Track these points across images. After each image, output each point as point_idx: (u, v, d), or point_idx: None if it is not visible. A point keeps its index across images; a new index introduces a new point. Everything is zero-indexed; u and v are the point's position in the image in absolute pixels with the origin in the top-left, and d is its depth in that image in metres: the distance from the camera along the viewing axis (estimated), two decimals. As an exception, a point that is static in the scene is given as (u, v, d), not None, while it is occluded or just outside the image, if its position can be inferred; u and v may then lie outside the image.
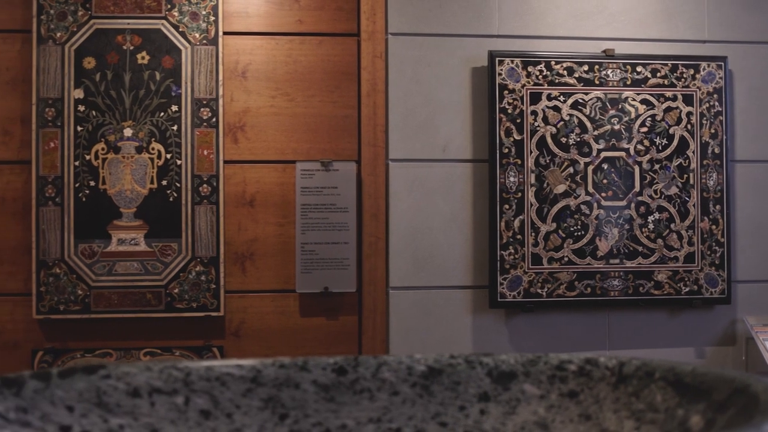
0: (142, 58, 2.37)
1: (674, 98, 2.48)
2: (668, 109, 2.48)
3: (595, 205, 2.45)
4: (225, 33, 2.40)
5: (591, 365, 1.03)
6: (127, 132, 2.36)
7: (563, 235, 2.44)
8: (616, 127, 2.46)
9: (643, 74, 2.47)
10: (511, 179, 2.42)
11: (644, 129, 2.47)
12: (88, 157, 2.35)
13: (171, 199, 2.36)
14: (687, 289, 2.47)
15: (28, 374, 0.95)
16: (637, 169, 2.47)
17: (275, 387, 1.05)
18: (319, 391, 1.05)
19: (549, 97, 2.45)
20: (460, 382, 1.07)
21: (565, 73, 2.45)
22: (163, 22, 2.38)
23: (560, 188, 2.44)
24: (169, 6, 2.38)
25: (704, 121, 2.49)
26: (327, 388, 1.05)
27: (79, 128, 2.35)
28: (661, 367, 0.98)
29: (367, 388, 1.05)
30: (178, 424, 1.02)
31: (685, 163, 2.48)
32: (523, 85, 2.44)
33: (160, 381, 1.03)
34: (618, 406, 1.00)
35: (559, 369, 1.03)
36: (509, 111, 2.43)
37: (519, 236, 2.42)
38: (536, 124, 2.44)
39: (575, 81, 2.45)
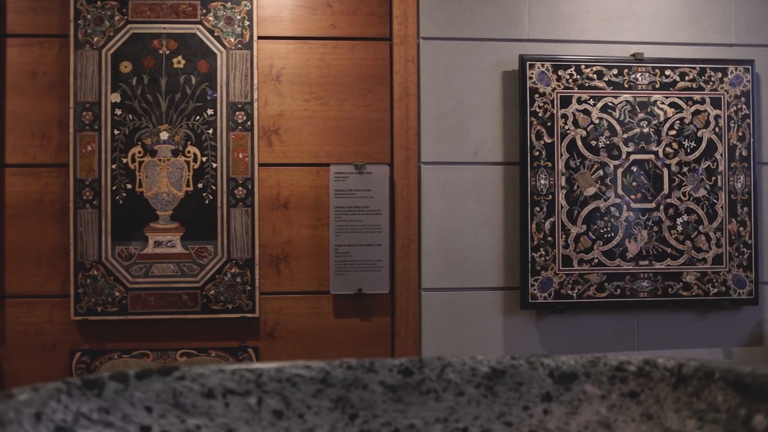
0: (178, 62, 2.40)
1: (702, 101, 2.51)
2: (696, 112, 2.51)
3: (625, 207, 2.48)
4: (259, 37, 2.42)
5: (650, 366, 1.06)
6: (164, 135, 2.39)
7: (593, 237, 2.47)
8: (645, 130, 2.49)
9: (672, 78, 2.50)
10: (542, 182, 2.45)
11: (673, 132, 2.50)
12: (124, 160, 2.38)
13: (207, 202, 2.39)
14: (715, 291, 2.49)
15: (107, 375, 0.98)
16: (665, 171, 2.50)
17: (344, 388, 1.08)
18: (386, 391, 1.08)
19: (579, 101, 2.47)
20: (522, 383, 1.09)
21: (595, 76, 2.48)
22: (199, 26, 2.41)
23: (590, 191, 2.47)
24: (204, 11, 2.41)
25: (732, 124, 2.52)
26: (394, 388, 1.08)
27: (115, 132, 2.38)
28: (720, 368, 1.01)
29: (432, 388, 1.08)
30: (253, 424, 1.05)
31: (713, 165, 2.51)
32: (554, 89, 2.47)
33: (233, 382, 1.06)
34: (679, 406, 1.03)
35: (618, 370, 1.06)
36: (540, 114, 2.46)
37: (550, 238, 2.45)
38: (566, 127, 2.47)
39: (605, 84, 2.48)
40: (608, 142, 2.48)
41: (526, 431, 1.07)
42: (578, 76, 2.47)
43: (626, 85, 2.49)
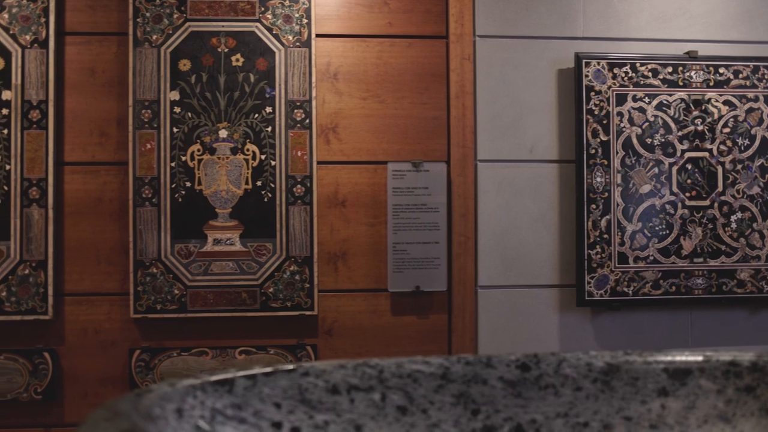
0: (237, 60, 2.40)
1: (756, 99, 2.52)
2: (750, 110, 2.52)
3: (680, 204, 2.49)
4: (317, 35, 2.43)
5: (764, 361, 1.07)
6: (223, 133, 2.39)
7: (648, 235, 2.48)
8: (700, 127, 2.50)
9: (726, 75, 2.51)
10: (598, 179, 2.46)
11: (727, 130, 2.51)
12: (184, 158, 2.38)
13: (266, 200, 2.39)
14: (769, 288, 2.51)
15: (236, 373, 0.99)
16: (719, 169, 2.51)
17: (464, 383, 1.09)
18: (506, 386, 1.09)
19: (634, 99, 2.48)
20: (638, 378, 1.10)
21: (650, 74, 2.49)
22: (257, 24, 2.41)
23: (645, 188, 2.48)
24: (262, 9, 2.41)
25: (785, 122, 2.53)
26: (513, 383, 1.09)
27: (175, 130, 2.38)
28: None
29: (551, 384, 1.09)
30: (378, 419, 1.06)
31: (766, 163, 2.52)
32: (609, 87, 2.47)
33: (356, 378, 1.07)
34: (796, 401, 1.04)
35: (732, 365, 1.07)
36: (596, 112, 2.46)
37: (606, 235, 2.46)
38: (622, 124, 2.48)
39: (659, 82, 2.49)
40: (663, 140, 2.49)
41: (646, 425, 1.08)
42: (633, 74, 2.48)
43: (681, 83, 2.50)
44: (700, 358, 1.08)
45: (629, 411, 1.09)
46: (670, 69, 2.50)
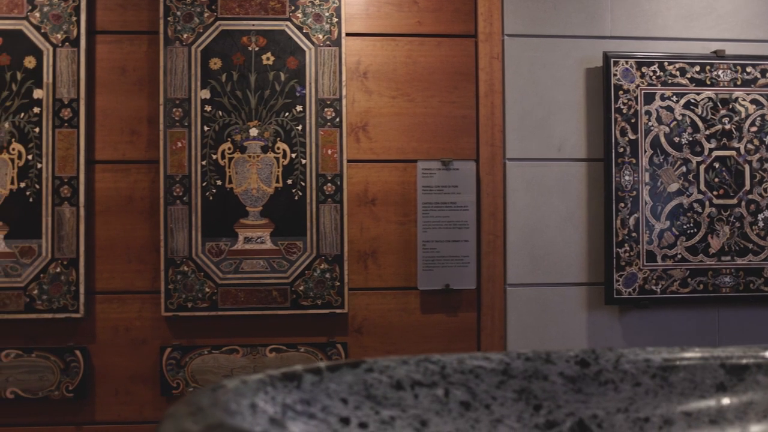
0: (267, 58, 2.41)
1: (783, 98, 2.53)
2: (777, 109, 2.53)
3: (707, 203, 2.50)
4: (347, 34, 2.43)
5: None
6: (253, 132, 2.39)
7: (676, 233, 2.49)
8: (727, 126, 2.51)
9: (753, 74, 2.52)
10: (626, 178, 2.47)
11: (754, 128, 2.52)
12: (214, 157, 2.38)
13: (296, 198, 2.39)
14: (796, 286, 2.52)
15: (302, 368, 1.00)
16: (747, 167, 2.51)
17: (525, 379, 1.09)
18: (566, 382, 1.09)
19: (662, 98, 2.49)
20: (696, 374, 1.11)
21: (678, 73, 2.50)
22: (287, 23, 2.42)
23: (673, 187, 2.49)
24: (293, 8, 2.42)
25: (811, 121, 2.54)
26: (573, 379, 1.10)
27: (205, 128, 2.38)
28: None
29: (610, 379, 1.09)
30: (443, 415, 1.06)
31: (793, 161, 2.53)
32: (638, 86, 2.48)
33: (419, 374, 1.07)
34: None
35: None
36: (624, 111, 2.47)
37: (634, 234, 2.47)
38: (650, 123, 2.48)
39: (687, 81, 2.50)
40: (691, 139, 2.50)
41: (706, 421, 1.09)
42: (661, 73, 2.49)
43: (708, 82, 2.51)
44: (757, 354, 1.09)
45: (688, 406, 1.10)
46: (697, 68, 2.50)
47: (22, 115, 2.35)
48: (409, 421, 1.04)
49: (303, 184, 2.40)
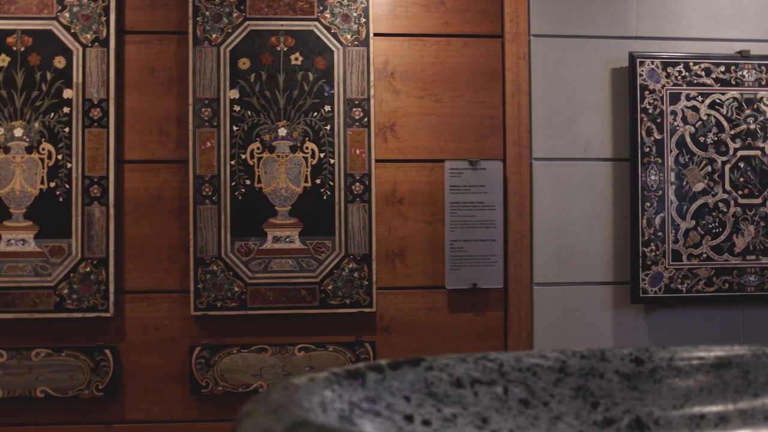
0: (296, 59, 2.42)
1: (806, 98, 2.55)
2: (801, 109, 2.55)
3: (732, 202, 2.51)
4: (375, 34, 2.44)
5: None
6: (282, 132, 2.40)
7: (702, 232, 2.50)
8: (752, 126, 2.52)
9: (777, 75, 2.54)
10: (652, 177, 2.48)
11: (778, 128, 2.54)
12: (243, 157, 2.39)
13: (325, 198, 2.40)
14: (820, 285, 2.53)
15: (365, 366, 1.01)
16: (771, 167, 2.53)
17: (582, 377, 1.10)
18: (621, 380, 1.11)
19: (687, 98, 2.50)
20: (749, 371, 1.12)
21: (703, 73, 2.51)
22: (316, 23, 2.43)
23: (698, 186, 2.50)
24: (321, 8, 2.43)
25: (835, 121, 2.56)
26: (628, 377, 1.11)
27: (234, 128, 2.39)
28: None
29: (665, 376, 1.11)
30: (503, 412, 1.07)
31: (817, 161, 2.55)
32: (663, 86, 2.50)
33: (478, 372, 1.09)
34: None
35: None
36: (650, 111, 2.49)
37: (660, 233, 2.48)
38: (675, 123, 2.50)
39: (712, 81, 2.51)
40: (716, 139, 2.51)
41: (761, 418, 1.10)
42: (687, 73, 2.50)
43: (733, 82, 2.52)
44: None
45: (743, 403, 1.11)
46: (722, 68, 2.52)
47: (52, 115, 2.35)
48: (471, 418, 1.05)
49: (331, 183, 2.41)
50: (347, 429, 0.92)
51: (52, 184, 2.35)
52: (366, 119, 2.42)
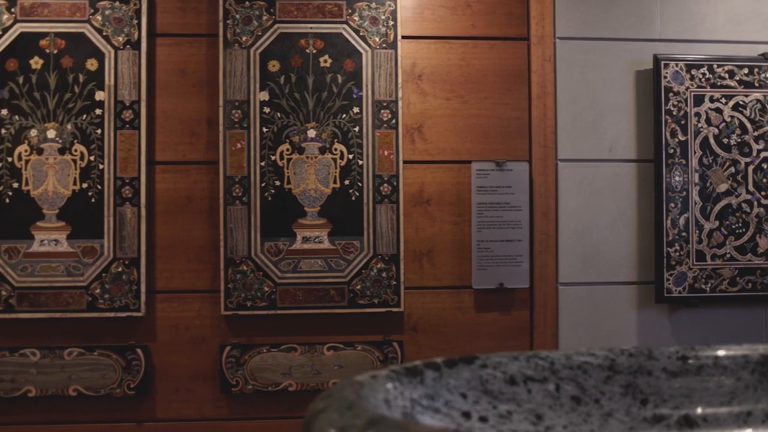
0: (325, 61, 2.44)
1: (828, 100, 2.57)
2: (823, 111, 2.57)
3: (756, 203, 2.54)
4: (402, 37, 2.47)
5: None
6: (311, 133, 2.43)
7: (725, 233, 2.53)
8: (775, 128, 2.55)
9: (800, 77, 2.56)
10: (677, 178, 2.51)
11: (801, 130, 2.56)
12: (273, 158, 2.42)
13: (353, 198, 2.43)
14: (842, 285, 2.56)
15: (422, 363, 1.03)
16: (794, 168, 2.56)
17: (630, 374, 1.13)
18: (669, 377, 1.13)
19: (711, 99, 2.53)
20: None
21: (726, 75, 2.54)
22: (344, 26, 2.45)
23: (722, 187, 2.53)
24: (349, 11, 2.46)
25: None
26: (676, 374, 1.13)
27: (264, 129, 2.42)
28: None
29: (711, 374, 1.13)
30: (556, 409, 1.10)
31: (840, 162, 2.57)
32: (687, 88, 2.52)
33: (530, 370, 1.11)
34: None
35: None
36: (674, 113, 2.51)
37: (684, 233, 2.51)
38: (699, 125, 2.52)
39: (736, 83, 2.54)
40: (739, 140, 2.54)
41: None
42: (710, 75, 2.53)
43: (756, 84, 2.55)
44: None
45: (789, 400, 1.13)
46: (745, 70, 2.54)
47: (85, 116, 2.38)
48: (525, 415, 1.08)
49: (360, 184, 2.43)
50: (423, 425, 0.94)
51: (85, 185, 2.38)
52: (394, 121, 2.45)
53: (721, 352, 1.14)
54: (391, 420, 0.75)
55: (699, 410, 1.12)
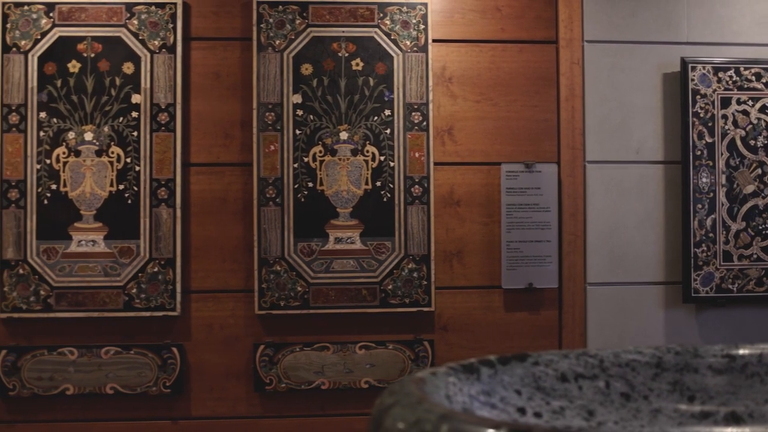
0: (357, 64, 2.48)
1: None
2: None
3: (782, 204, 2.57)
4: (433, 40, 2.50)
5: None
6: (343, 135, 2.47)
7: (752, 233, 2.55)
8: (801, 129, 2.58)
9: (825, 79, 2.59)
10: (704, 180, 2.54)
11: (827, 132, 2.59)
12: (306, 160, 2.46)
13: (385, 200, 2.47)
14: None
15: (477, 361, 1.07)
16: (820, 170, 2.58)
17: (677, 372, 1.16)
18: (715, 375, 1.16)
19: (738, 102, 2.56)
20: None
21: (753, 78, 2.56)
22: (376, 30, 2.49)
23: (749, 188, 2.56)
24: (381, 15, 2.49)
25: None
26: (722, 372, 1.17)
27: (297, 132, 2.46)
28: None
29: (756, 372, 1.16)
30: (606, 405, 1.13)
31: None
32: (714, 90, 2.55)
33: (580, 367, 1.15)
34: None
35: None
36: (701, 115, 2.54)
37: (711, 234, 2.53)
38: (726, 127, 2.55)
39: (762, 86, 2.57)
40: (766, 142, 2.56)
41: None
42: (737, 78, 2.56)
43: (782, 87, 2.58)
44: None
45: (832, 397, 1.16)
46: (772, 73, 2.57)
47: (121, 119, 2.42)
48: (577, 411, 1.11)
49: (391, 186, 2.47)
50: (493, 420, 0.98)
51: (121, 187, 2.42)
52: (425, 123, 2.48)
53: (765, 351, 1.17)
54: (461, 414, 0.78)
55: (745, 407, 1.15)
